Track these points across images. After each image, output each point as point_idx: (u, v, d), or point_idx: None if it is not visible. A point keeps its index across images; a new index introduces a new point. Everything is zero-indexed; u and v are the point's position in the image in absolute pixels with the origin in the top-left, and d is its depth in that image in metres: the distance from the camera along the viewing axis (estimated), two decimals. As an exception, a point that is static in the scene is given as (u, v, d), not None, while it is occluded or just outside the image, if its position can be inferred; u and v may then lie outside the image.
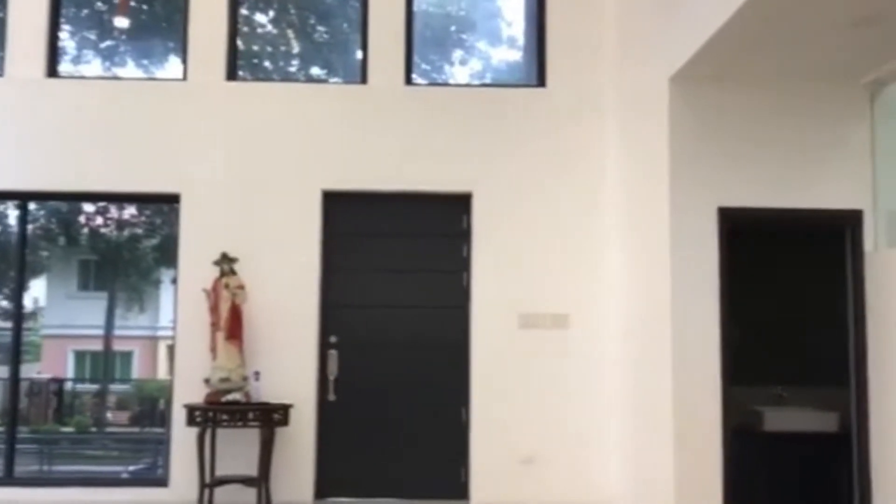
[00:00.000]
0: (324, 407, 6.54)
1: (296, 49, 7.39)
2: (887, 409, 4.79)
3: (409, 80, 6.89)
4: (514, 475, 6.43)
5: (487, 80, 7.28)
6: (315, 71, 7.39)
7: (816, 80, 5.06)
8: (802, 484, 5.61)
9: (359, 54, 6.95)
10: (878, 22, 4.13)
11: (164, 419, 6.95)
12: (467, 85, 7.19)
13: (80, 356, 10.80)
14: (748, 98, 5.14)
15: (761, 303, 5.98)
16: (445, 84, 7.21)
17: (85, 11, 7.29)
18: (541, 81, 6.86)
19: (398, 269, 6.73)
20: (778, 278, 6.04)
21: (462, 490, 6.49)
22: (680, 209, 5.11)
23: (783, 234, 5.88)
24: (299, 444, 6.38)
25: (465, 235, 6.71)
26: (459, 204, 6.73)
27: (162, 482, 6.48)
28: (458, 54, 7.53)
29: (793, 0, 3.90)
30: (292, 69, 7.41)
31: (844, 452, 5.14)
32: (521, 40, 7.33)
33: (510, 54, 7.49)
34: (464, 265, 6.70)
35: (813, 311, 5.85)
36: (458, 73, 7.43)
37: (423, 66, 7.27)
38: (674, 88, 5.14)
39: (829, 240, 5.25)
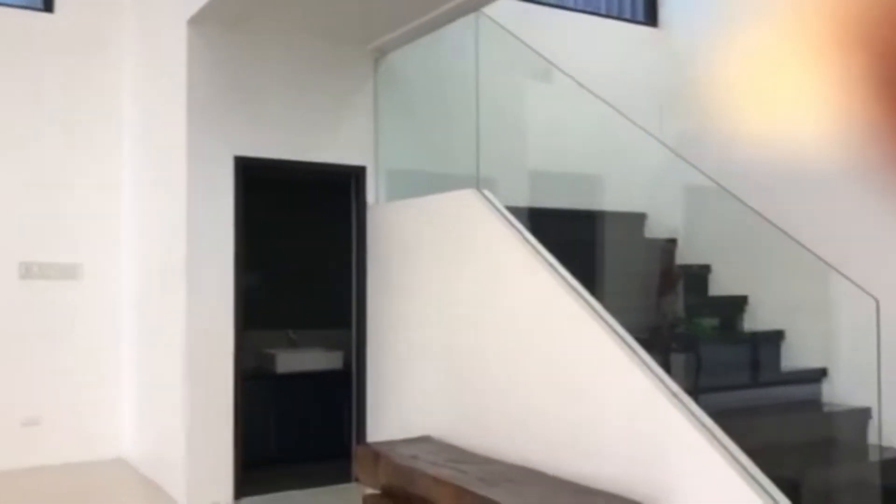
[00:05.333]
0: None
1: None
2: (381, 347, 5.33)
3: None
4: (14, 439, 5.89)
5: (-16, -3, 6.32)
6: None
7: (330, 39, 5.33)
8: (312, 418, 6.03)
9: None
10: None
11: None
12: (-43, -1, 6.17)
13: None
14: (265, 50, 5.22)
15: (279, 250, 6.24)
16: (-73, -6, 6.09)
17: None
18: (47, 6, 6.18)
19: None
20: (294, 227, 6.34)
21: (-53, 463, 5.73)
22: (196, 156, 5.03)
23: (299, 185, 6.18)
24: None
25: (-49, 173, 5.83)
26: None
27: None
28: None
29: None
30: None
31: (348, 387, 5.62)
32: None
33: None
34: (-50, 207, 5.82)
35: (324, 258, 6.25)
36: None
37: None
38: (192, 31, 5.00)
39: (340, 192, 5.62)
